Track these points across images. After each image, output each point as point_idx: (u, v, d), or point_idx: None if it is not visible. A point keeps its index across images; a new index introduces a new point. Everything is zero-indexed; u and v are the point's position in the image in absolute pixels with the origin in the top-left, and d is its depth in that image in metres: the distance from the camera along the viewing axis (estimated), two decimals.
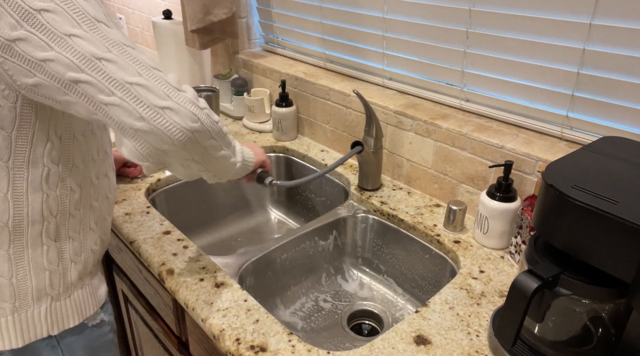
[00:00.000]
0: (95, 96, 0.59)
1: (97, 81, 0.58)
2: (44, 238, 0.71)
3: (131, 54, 0.60)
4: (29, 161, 0.67)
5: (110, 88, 0.58)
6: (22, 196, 0.68)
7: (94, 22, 0.59)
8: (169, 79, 0.62)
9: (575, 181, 0.60)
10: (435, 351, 0.72)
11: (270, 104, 1.48)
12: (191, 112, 0.62)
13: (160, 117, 0.60)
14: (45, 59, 0.57)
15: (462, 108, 1.10)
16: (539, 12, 0.90)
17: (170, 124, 0.60)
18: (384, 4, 1.16)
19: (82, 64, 0.58)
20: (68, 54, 0.57)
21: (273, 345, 0.73)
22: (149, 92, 0.59)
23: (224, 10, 1.39)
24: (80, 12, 0.58)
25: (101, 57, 0.58)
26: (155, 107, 0.60)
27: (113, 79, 0.58)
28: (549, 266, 0.61)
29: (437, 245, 0.99)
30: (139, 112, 0.59)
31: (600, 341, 0.64)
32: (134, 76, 0.59)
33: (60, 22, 0.57)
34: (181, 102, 0.61)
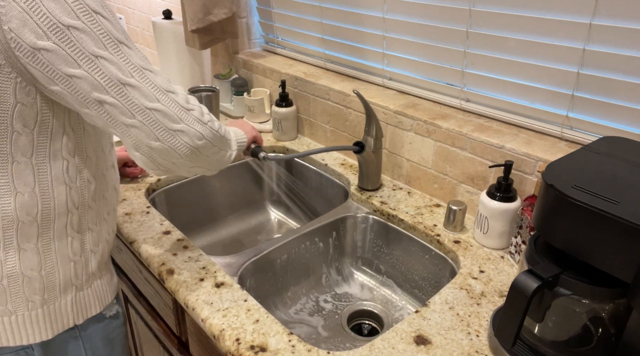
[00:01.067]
0: (117, 116, 0.65)
1: (121, 105, 0.64)
2: (69, 229, 0.74)
3: (149, 78, 0.65)
4: (49, 155, 0.69)
5: (132, 112, 0.64)
6: (48, 189, 0.70)
7: (117, 44, 0.63)
8: (179, 101, 0.68)
9: (575, 181, 0.60)
10: (435, 351, 0.72)
11: (270, 104, 1.48)
12: (198, 132, 0.70)
13: (173, 139, 0.68)
14: (73, 75, 0.61)
15: (462, 108, 1.10)
16: (539, 12, 0.90)
17: (181, 144, 0.69)
18: (384, 4, 1.16)
19: (108, 86, 0.62)
20: (96, 75, 0.61)
21: (273, 345, 0.73)
22: (165, 117, 0.67)
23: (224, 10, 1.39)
24: (105, 33, 0.62)
25: (126, 82, 0.63)
26: (170, 130, 0.67)
27: (135, 104, 0.64)
28: (549, 266, 0.61)
29: (437, 245, 0.99)
30: (155, 135, 0.67)
31: (600, 341, 0.64)
32: (153, 101, 0.65)
33: (88, 42, 0.60)
34: (190, 123, 0.69)
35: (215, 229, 1.35)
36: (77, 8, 0.59)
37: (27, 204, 0.69)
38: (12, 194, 0.68)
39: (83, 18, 0.60)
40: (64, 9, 0.59)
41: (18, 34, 0.58)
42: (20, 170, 0.68)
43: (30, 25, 0.58)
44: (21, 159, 0.67)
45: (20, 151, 0.67)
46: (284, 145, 1.38)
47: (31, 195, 0.69)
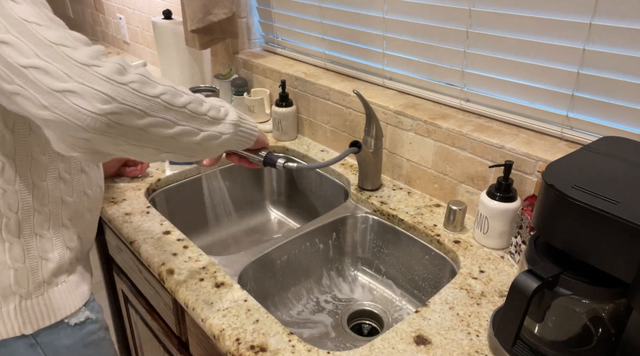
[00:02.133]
0: (0, 84, 0.54)
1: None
2: (4, 234, 0.69)
3: (32, 31, 0.53)
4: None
5: (10, 74, 0.53)
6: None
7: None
8: (75, 55, 0.53)
9: (575, 181, 0.60)
10: (435, 351, 0.72)
11: (270, 104, 1.48)
12: (99, 92, 0.52)
13: (61, 103, 0.52)
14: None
15: (462, 108, 1.10)
16: (539, 12, 0.90)
17: (74, 110, 0.52)
18: (384, 4, 1.16)
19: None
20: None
21: (273, 345, 0.73)
22: (46, 75, 0.52)
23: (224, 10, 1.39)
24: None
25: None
26: (54, 91, 0.52)
27: (10, 64, 0.53)
28: (549, 266, 0.61)
29: (437, 245, 0.99)
30: (39, 100, 0.52)
31: (600, 341, 0.64)
32: (29, 57, 0.52)
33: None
34: (86, 81, 0.52)
35: (215, 229, 1.35)
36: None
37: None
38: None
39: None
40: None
41: None
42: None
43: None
44: None
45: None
46: (284, 145, 1.38)
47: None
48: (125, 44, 2.25)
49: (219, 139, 0.67)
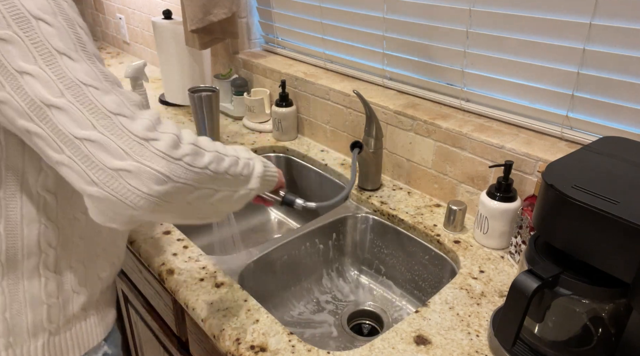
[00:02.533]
0: (46, 150, 0.50)
1: (46, 134, 0.49)
2: (41, 270, 0.65)
3: (89, 96, 0.50)
4: (21, 191, 0.60)
5: (59, 144, 0.49)
6: (16, 228, 0.62)
7: (54, 55, 0.50)
8: (134, 127, 0.50)
9: (575, 181, 0.60)
10: (435, 351, 0.72)
11: (270, 104, 1.48)
12: (156, 173, 0.49)
13: (115, 182, 0.48)
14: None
15: (462, 108, 1.10)
16: (539, 12, 0.90)
17: (127, 190, 0.49)
18: (384, 4, 1.16)
19: (30, 110, 0.49)
20: (18, 97, 0.49)
21: (273, 345, 0.73)
22: (102, 151, 0.48)
23: (224, 10, 1.39)
24: (39, 43, 0.49)
25: (51, 103, 0.48)
26: (109, 169, 0.48)
27: (62, 133, 0.49)
28: (549, 266, 0.61)
29: (437, 245, 0.99)
30: (89, 176, 0.49)
31: (600, 341, 0.64)
32: (85, 128, 0.48)
33: (14, 55, 0.48)
34: (145, 159, 0.49)
35: (215, 229, 1.35)
36: (12, 14, 0.48)
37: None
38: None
39: (15, 26, 0.48)
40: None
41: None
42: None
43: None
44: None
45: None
46: (284, 145, 1.38)
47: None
48: (125, 44, 2.25)
49: (249, 196, 0.68)
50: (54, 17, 0.51)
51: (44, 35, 0.49)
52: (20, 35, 0.49)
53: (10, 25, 0.48)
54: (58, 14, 0.51)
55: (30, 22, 0.49)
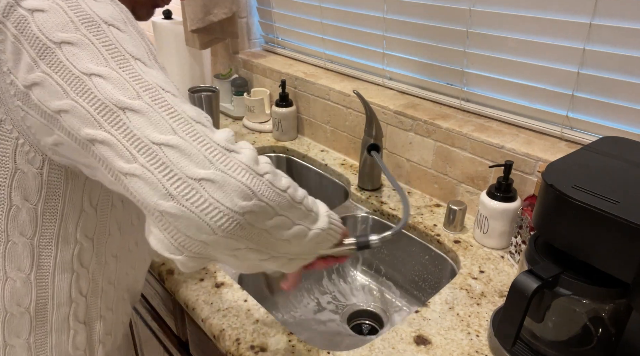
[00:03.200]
0: (113, 161, 0.43)
1: (116, 140, 0.42)
2: (71, 321, 0.60)
3: (168, 101, 0.44)
4: (58, 238, 0.55)
5: (131, 151, 0.42)
6: (48, 277, 0.56)
7: (128, 59, 0.45)
8: (215, 136, 0.44)
9: (575, 181, 0.60)
10: (435, 351, 0.72)
11: (270, 104, 1.48)
12: (243, 185, 0.42)
13: (195, 195, 0.41)
14: (60, 109, 0.44)
15: (462, 108, 1.10)
16: (539, 12, 0.90)
17: (209, 204, 0.41)
18: (384, 4, 1.16)
19: (101, 115, 0.42)
20: (85, 101, 0.43)
21: (273, 345, 0.73)
22: (184, 157, 0.41)
23: (224, 10, 1.39)
24: (112, 46, 0.44)
25: (126, 106, 0.42)
26: (190, 179, 0.41)
27: (137, 137, 0.42)
28: (549, 266, 0.61)
29: (437, 245, 0.99)
30: (166, 187, 0.41)
31: (600, 341, 0.64)
32: (165, 132, 0.42)
33: (82, 57, 0.43)
34: (229, 169, 0.42)
35: None
36: (81, 18, 0.44)
37: (18, 292, 0.56)
38: (1, 280, 0.55)
39: (84, 29, 0.44)
40: (60, 21, 0.43)
41: (15, 73, 0.45)
42: (15, 252, 0.54)
43: (23, 56, 0.44)
44: (19, 239, 0.54)
45: (18, 229, 0.53)
46: (284, 145, 1.38)
47: (25, 282, 0.56)
48: None
49: (319, 238, 0.55)
50: (125, 25, 0.47)
51: (117, 39, 0.45)
52: (89, 38, 0.44)
53: (79, 29, 0.44)
54: (128, 24, 0.48)
55: (101, 27, 0.45)
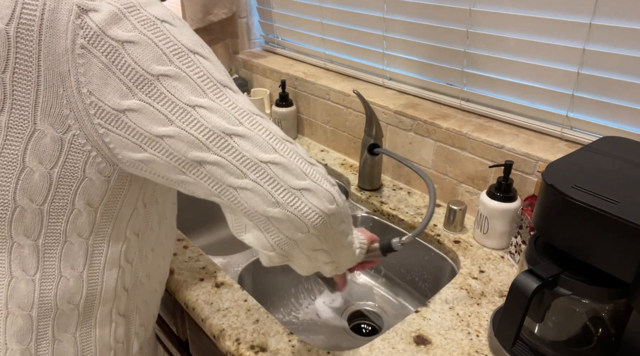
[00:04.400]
0: (223, 178, 0.51)
1: (227, 162, 0.50)
2: (114, 315, 0.63)
3: (262, 124, 0.52)
4: (110, 236, 0.59)
5: (242, 169, 0.50)
6: (98, 273, 0.60)
7: (220, 87, 0.51)
8: (300, 152, 0.54)
9: (575, 181, 0.60)
10: (435, 351, 0.72)
11: (270, 104, 1.48)
12: (328, 192, 0.53)
13: (298, 201, 0.51)
14: (164, 134, 0.49)
15: (462, 108, 1.10)
16: (539, 12, 0.90)
17: (308, 208, 0.52)
18: (384, 4, 1.16)
19: (209, 141, 0.49)
20: (193, 129, 0.49)
21: (273, 345, 0.73)
22: (286, 172, 0.51)
23: (224, 10, 1.39)
24: (205, 76, 0.50)
25: (232, 132, 0.50)
26: (293, 189, 0.51)
27: (246, 158, 0.50)
28: (549, 266, 0.61)
29: (437, 245, 0.99)
30: (274, 197, 0.51)
31: (600, 341, 0.64)
32: (269, 152, 0.50)
33: (183, 90, 0.49)
34: (318, 180, 0.53)
35: (215, 229, 1.35)
36: (171, 50, 0.49)
37: (70, 290, 0.58)
38: (56, 278, 0.57)
39: (177, 61, 0.49)
40: (154, 54, 0.48)
41: (99, 96, 0.48)
42: (70, 252, 0.57)
43: (113, 83, 0.48)
44: (75, 239, 0.57)
45: (76, 231, 0.56)
46: None
47: (77, 280, 0.58)
48: None
49: (356, 253, 0.67)
50: (204, 50, 0.52)
51: (205, 68, 0.51)
52: (184, 71, 0.49)
53: (173, 61, 0.49)
54: (205, 46, 0.53)
55: (189, 57, 0.50)
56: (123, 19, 0.47)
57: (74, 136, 0.51)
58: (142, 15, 0.48)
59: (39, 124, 0.50)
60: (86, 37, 0.47)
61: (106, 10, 0.47)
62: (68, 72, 0.48)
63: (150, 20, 0.49)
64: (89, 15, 0.47)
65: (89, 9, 0.47)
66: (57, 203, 0.54)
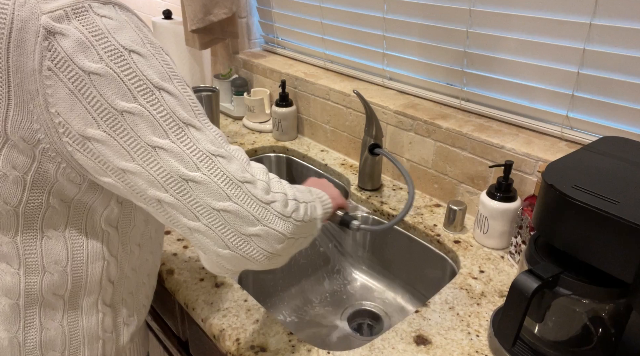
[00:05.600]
0: (178, 218, 0.53)
1: (182, 205, 0.52)
2: (100, 305, 0.65)
3: (220, 168, 0.52)
4: (86, 228, 0.60)
5: (196, 214, 0.52)
6: (82, 267, 0.61)
7: (182, 127, 0.51)
8: (257, 193, 0.54)
9: (575, 181, 0.60)
10: (435, 351, 0.72)
11: (270, 104, 1.48)
12: (278, 233, 0.55)
13: (247, 246, 0.54)
14: (126, 169, 0.51)
15: (462, 108, 1.10)
16: (539, 12, 0.90)
17: (256, 251, 0.54)
18: (384, 4, 1.16)
19: (166, 183, 0.51)
20: (152, 170, 0.50)
21: (273, 345, 0.73)
22: (237, 219, 0.53)
23: (224, 10, 1.39)
24: (167, 116, 0.51)
25: (188, 178, 0.51)
26: (243, 235, 0.53)
27: (199, 204, 0.52)
28: (549, 266, 0.61)
29: (437, 245, 0.99)
30: (224, 241, 0.53)
31: (600, 341, 0.64)
32: (222, 200, 0.52)
33: (145, 129, 0.50)
34: (270, 223, 0.54)
35: None
36: (136, 86, 0.49)
37: (55, 284, 0.60)
38: (40, 273, 0.59)
39: (142, 99, 0.49)
40: (119, 90, 0.48)
41: (66, 119, 0.49)
42: (50, 246, 0.59)
43: (79, 110, 0.48)
44: (52, 233, 0.58)
45: (52, 225, 0.58)
46: (284, 145, 1.38)
47: (62, 274, 0.60)
48: None
49: (318, 226, 0.68)
50: (171, 84, 0.52)
51: (170, 107, 0.51)
52: (147, 109, 0.50)
53: (137, 99, 0.49)
54: (173, 78, 0.52)
55: (154, 94, 0.50)
56: (90, 48, 0.47)
57: (44, 149, 0.52)
58: (109, 44, 0.48)
59: (10, 135, 0.51)
60: (54, 61, 0.47)
61: (73, 37, 0.47)
62: (37, 91, 0.49)
63: (118, 50, 0.49)
64: (57, 39, 0.47)
65: (56, 32, 0.47)
66: (32, 204, 0.56)
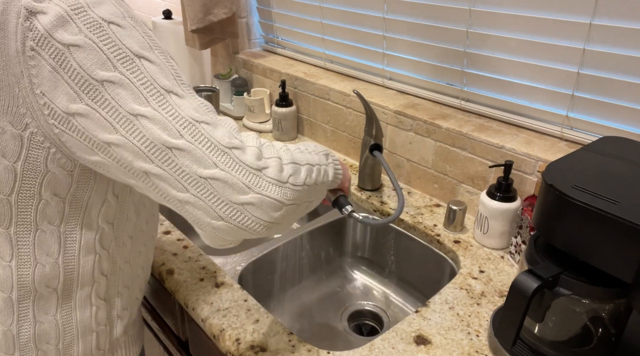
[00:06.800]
0: (168, 190, 0.51)
1: (169, 175, 0.50)
2: (93, 298, 0.65)
3: (204, 134, 0.51)
4: (82, 224, 0.60)
5: (183, 184, 0.50)
6: (74, 259, 0.61)
7: (163, 94, 0.50)
8: (247, 158, 0.52)
9: (575, 181, 0.60)
10: (435, 351, 0.72)
11: (270, 104, 1.48)
12: (274, 201, 0.53)
13: (240, 215, 0.51)
14: (110, 142, 0.50)
15: (462, 108, 1.10)
16: (539, 12, 0.90)
17: (251, 221, 0.52)
18: (384, 4, 1.16)
19: (151, 153, 0.50)
20: (135, 139, 0.49)
21: (273, 345, 0.73)
22: (227, 187, 0.50)
23: (224, 10, 1.39)
24: (148, 83, 0.50)
25: (172, 145, 0.49)
26: (235, 204, 0.51)
27: (186, 173, 0.50)
28: (549, 266, 0.61)
29: (437, 245, 0.99)
30: (216, 212, 0.51)
31: (600, 341, 0.64)
32: (209, 167, 0.50)
33: (126, 97, 0.49)
34: (263, 190, 0.52)
35: None
36: (115, 54, 0.48)
37: (47, 276, 0.60)
38: (32, 265, 0.59)
39: (121, 67, 0.49)
40: (98, 59, 0.48)
41: (51, 98, 0.49)
42: (44, 239, 0.59)
43: (62, 86, 0.48)
44: (47, 227, 0.58)
45: (46, 219, 0.58)
46: None
47: (53, 266, 0.60)
48: None
49: (328, 184, 0.67)
50: (152, 53, 0.51)
51: (150, 74, 0.50)
52: (128, 77, 0.49)
53: (117, 67, 0.48)
54: (154, 48, 0.52)
55: (134, 62, 0.49)
56: (69, 22, 0.47)
57: (32, 134, 0.52)
58: (88, 17, 0.48)
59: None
60: (35, 40, 0.47)
61: (53, 12, 0.47)
62: (21, 73, 0.49)
63: (97, 22, 0.48)
64: (37, 17, 0.47)
65: (37, 11, 0.47)
66: (24, 194, 0.56)
